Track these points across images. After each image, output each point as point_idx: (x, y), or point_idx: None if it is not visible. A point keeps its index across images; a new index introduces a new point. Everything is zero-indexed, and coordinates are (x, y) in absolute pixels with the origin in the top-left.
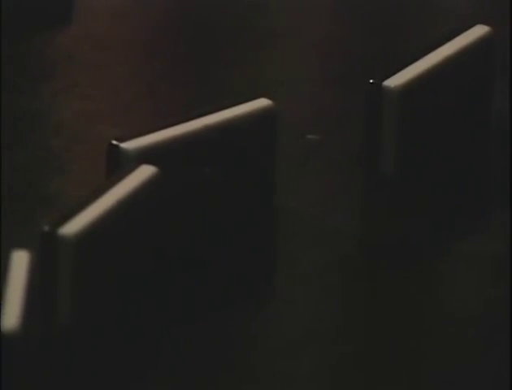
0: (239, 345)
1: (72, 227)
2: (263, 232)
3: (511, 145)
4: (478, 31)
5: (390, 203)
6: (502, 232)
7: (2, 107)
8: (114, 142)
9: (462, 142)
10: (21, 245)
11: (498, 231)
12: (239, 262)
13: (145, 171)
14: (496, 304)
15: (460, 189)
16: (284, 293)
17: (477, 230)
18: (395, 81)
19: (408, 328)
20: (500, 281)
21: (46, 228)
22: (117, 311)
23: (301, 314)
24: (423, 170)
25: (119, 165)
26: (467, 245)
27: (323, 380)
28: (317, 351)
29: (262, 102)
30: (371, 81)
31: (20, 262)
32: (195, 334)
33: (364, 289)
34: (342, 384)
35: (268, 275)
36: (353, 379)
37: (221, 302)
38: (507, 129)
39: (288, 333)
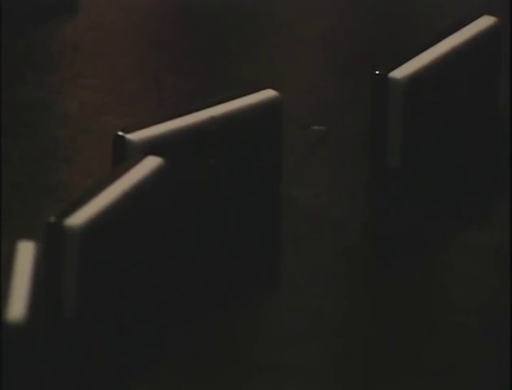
0: (243, 335)
1: (78, 217)
2: (268, 222)
3: (511, 136)
4: (484, 21)
5: (395, 193)
6: (507, 223)
7: (7, 98)
8: (120, 133)
9: (466, 133)
10: (27, 236)
11: (503, 222)
12: (244, 252)
13: (150, 162)
14: (499, 294)
15: (464, 179)
16: (288, 283)
17: (481, 220)
18: (401, 72)
19: (411, 318)
20: (503, 271)
21: (52, 219)
22: (122, 302)
23: (305, 305)
24: (428, 161)
25: (125, 156)
26: (471, 236)
27: (327, 371)
28: (321, 341)
29: (268, 93)
30: (377, 72)
31: (26, 252)
32: (199, 324)
33: (368, 280)
34: (346, 375)
35: (273, 265)
36: (357, 369)
37: (226, 292)
38: (507, 121)
39: (293, 323)
